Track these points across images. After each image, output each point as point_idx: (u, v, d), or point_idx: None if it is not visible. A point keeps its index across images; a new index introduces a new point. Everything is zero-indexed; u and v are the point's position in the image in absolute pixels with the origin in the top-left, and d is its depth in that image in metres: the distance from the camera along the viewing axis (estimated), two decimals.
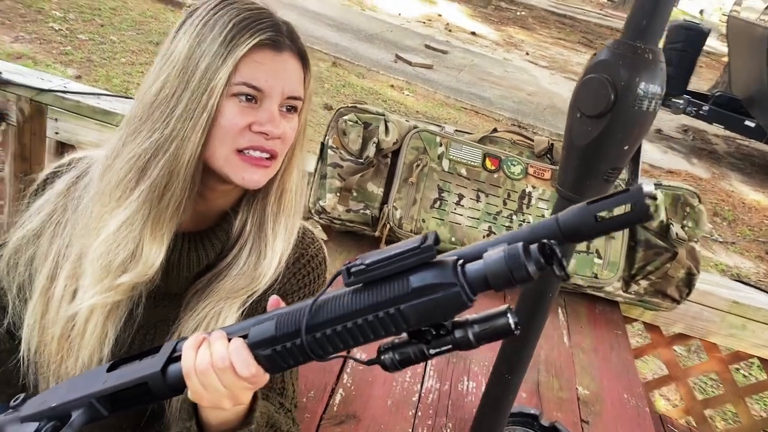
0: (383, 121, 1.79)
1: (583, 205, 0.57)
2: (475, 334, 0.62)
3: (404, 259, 0.60)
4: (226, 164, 0.87)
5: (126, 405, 0.76)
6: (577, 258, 1.75)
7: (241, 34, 0.83)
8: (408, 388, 1.33)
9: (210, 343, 0.71)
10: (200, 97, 0.83)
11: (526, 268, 0.56)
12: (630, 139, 0.78)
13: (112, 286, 0.87)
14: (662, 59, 0.76)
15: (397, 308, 0.60)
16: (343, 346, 0.65)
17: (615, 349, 1.65)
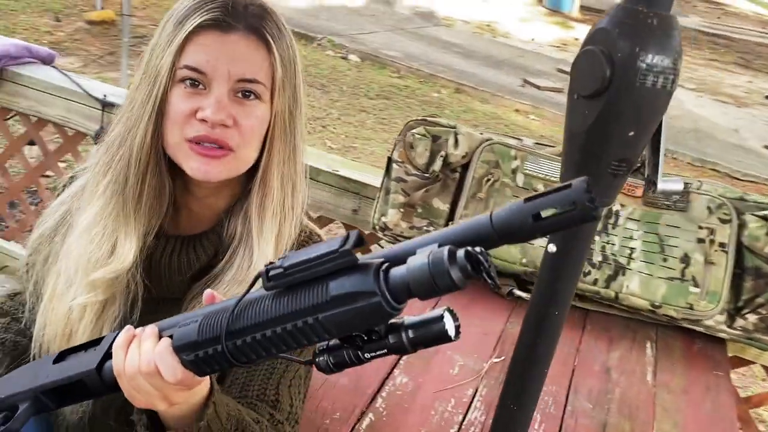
0: (453, 133, 1.70)
1: (520, 202, 0.48)
2: (409, 339, 0.55)
3: (323, 263, 0.54)
4: (177, 153, 0.85)
5: (71, 399, 0.74)
6: (668, 285, 1.54)
7: (187, 18, 0.82)
8: (448, 418, 1.21)
9: (140, 342, 0.66)
10: (150, 85, 0.82)
11: (450, 276, 0.48)
12: (636, 124, 0.64)
13: (90, 283, 0.86)
14: (674, 26, 0.62)
15: (315, 318, 0.54)
16: (265, 354, 0.59)
17: (711, 393, 1.42)
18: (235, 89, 0.85)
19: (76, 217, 0.94)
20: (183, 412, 0.75)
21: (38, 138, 2.44)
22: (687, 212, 1.58)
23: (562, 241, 0.72)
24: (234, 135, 0.85)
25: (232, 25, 0.84)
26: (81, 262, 0.89)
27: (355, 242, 0.54)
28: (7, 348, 1.05)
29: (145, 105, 0.84)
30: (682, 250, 1.55)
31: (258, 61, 0.85)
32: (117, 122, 0.89)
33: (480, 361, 1.38)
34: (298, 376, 0.95)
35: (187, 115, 0.84)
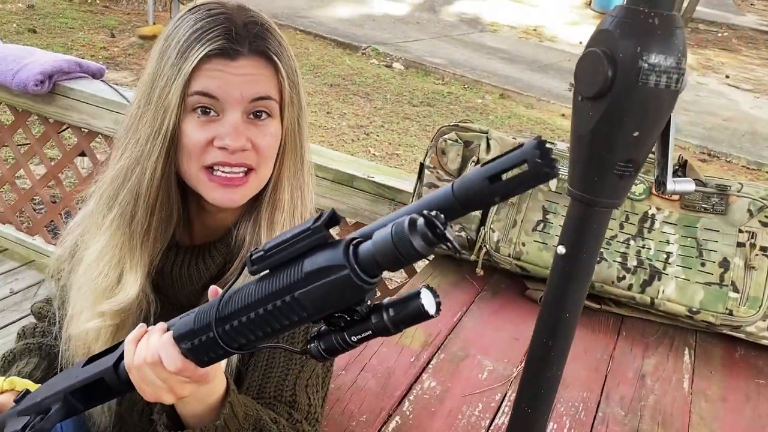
0: (485, 138, 1.70)
1: (478, 167, 0.49)
2: (390, 318, 0.56)
3: (298, 242, 0.55)
4: (198, 184, 0.86)
5: (97, 399, 0.77)
6: (706, 290, 1.50)
7: (191, 47, 0.81)
8: (475, 422, 1.21)
9: (148, 337, 0.70)
10: (157, 117, 0.82)
11: (412, 244, 0.49)
12: (640, 125, 0.64)
13: (98, 313, 0.89)
14: (677, 25, 0.62)
15: (292, 295, 0.56)
16: (254, 338, 0.61)
17: (752, 401, 1.37)
18: (248, 111, 0.85)
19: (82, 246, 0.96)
20: (200, 412, 0.78)
21: (88, 149, 2.55)
22: (726, 215, 1.54)
23: (571, 243, 0.72)
24: (252, 156, 0.86)
25: (238, 50, 0.84)
26: (91, 292, 0.92)
27: (327, 219, 0.55)
28: (44, 352, 1.10)
29: (154, 139, 0.83)
30: (721, 255, 1.51)
31: (267, 80, 0.86)
32: (120, 154, 0.88)
33: (510, 366, 1.38)
34: (315, 375, 0.96)
35: (204, 145, 0.84)
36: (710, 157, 6.31)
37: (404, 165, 4.90)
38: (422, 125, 5.70)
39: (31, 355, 1.09)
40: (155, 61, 0.86)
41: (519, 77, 7.63)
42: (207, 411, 0.78)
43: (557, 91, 7.40)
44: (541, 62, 8.63)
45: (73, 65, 2.47)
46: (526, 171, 0.48)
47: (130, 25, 7.39)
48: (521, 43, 9.86)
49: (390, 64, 7.41)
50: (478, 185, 0.50)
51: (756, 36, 13.89)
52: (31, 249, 2.80)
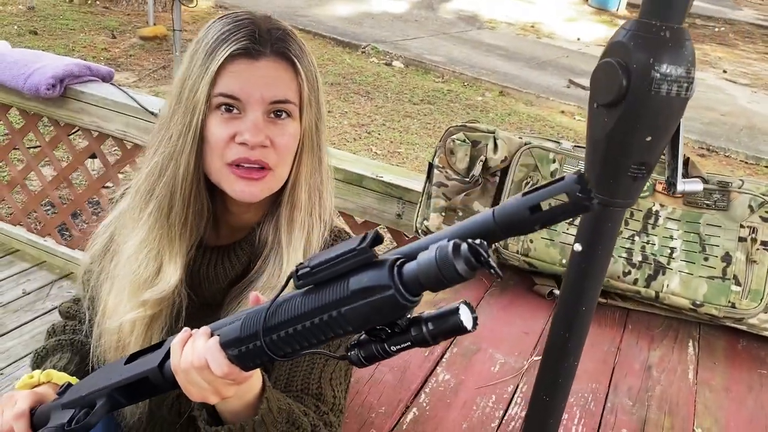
0: (492, 138, 1.74)
1: (519, 196, 0.53)
2: (429, 331, 0.59)
3: (344, 260, 0.59)
4: (220, 178, 0.90)
5: (141, 395, 0.82)
6: (709, 284, 1.54)
7: (218, 48, 0.86)
8: (489, 413, 1.26)
9: (193, 341, 0.74)
10: (187, 114, 0.87)
11: (455, 268, 0.53)
12: (653, 130, 0.68)
13: (139, 303, 0.94)
14: (686, 38, 0.66)
15: (338, 311, 0.60)
16: (299, 348, 0.65)
17: (754, 391, 1.42)
18: (268, 111, 0.90)
19: (119, 240, 1.00)
20: (239, 408, 0.82)
21: (99, 151, 2.59)
22: (728, 211, 1.59)
23: (587, 241, 0.76)
24: (271, 154, 0.90)
25: (260, 51, 0.89)
26: (129, 283, 0.96)
27: (372, 240, 0.59)
28: (76, 348, 1.14)
29: (186, 135, 0.88)
30: (724, 249, 1.56)
31: (287, 82, 0.91)
32: (154, 151, 0.93)
33: (521, 359, 1.42)
34: (338, 369, 1.00)
35: (227, 140, 0.88)
36: (709, 152, 6.36)
37: (406, 163, 4.95)
38: (423, 123, 5.74)
39: (64, 351, 1.13)
40: (186, 62, 0.91)
41: (518, 74, 7.67)
42: (245, 407, 0.82)
43: (556, 87, 7.45)
44: (539, 59, 8.67)
45: (84, 69, 2.52)
46: (567, 203, 0.51)
47: (130, 26, 7.43)
48: (519, 40, 9.89)
49: (390, 63, 7.44)
50: (519, 214, 0.52)
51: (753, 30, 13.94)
52: (43, 250, 2.85)
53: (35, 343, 2.44)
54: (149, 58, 6.67)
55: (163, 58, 6.63)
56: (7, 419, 0.93)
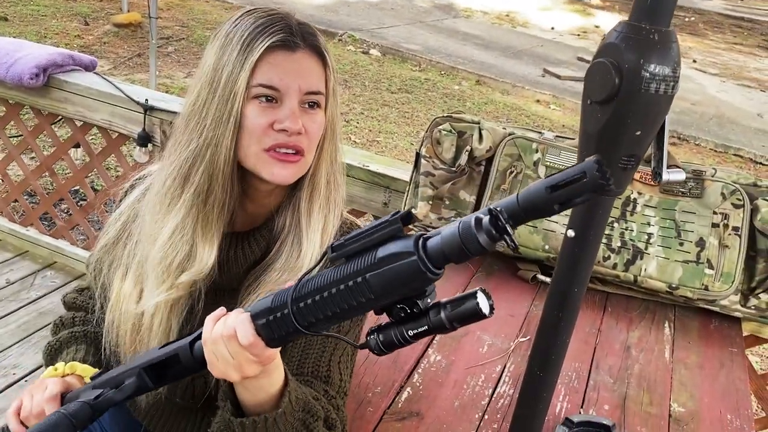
0: (477, 128, 1.80)
1: (540, 180, 0.58)
2: (447, 315, 0.64)
3: (376, 232, 0.64)
4: (257, 163, 0.94)
5: (168, 378, 0.85)
6: (684, 268, 1.62)
7: (255, 40, 0.90)
8: (479, 391, 1.32)
9: (227, 317, 0.78)
10: (226, 103, 0.90)
11: (477, 240, 0.57)
12: (642, 125, 0.74)
13: (174, 285, 0.97)
14: (673, 39, 0.72)
15: (363, 277, 0.64)
16: (323, 317, 0.69)
17: (726, 368, 1.51)
18: (302, 101, 0.95)
19: (141, 228, 1.03)
20: (262, 400, 0.86)
21: (84, 141, 2.59)
22: (702, 198, 1.67)
23: (580, 227, 0.82)
24: (304, 140, 0.95)
25: (297, 43, 0.94)
26: (163, 267, 0.98)
27: (404, 216, 0.64)
28: (89, 339, 1.17)
29: (225, 122, 0.91)
30: (698, 235, 1.64)
31: (318, 73, 0.96)
32: (188, 139, 0.95)
33: (507, 341, 1.49)
34: (346, 353, 1.05)
35: (265, 128, 0.93)
36: (680, 140, 6.52)
37: (385, 152, 4.99)
38: (401, 112, 5.79)
39: (79, 343, 1.15)
40: (215, 55, 0.93)
41: (494, 63, 7.75)
42: (268, 399, 0.86)
43: (531, 77, 7.54)
44: (514, 48, 8.76)
45: (67, 58, 2.51)
46: (585, 182, 0.55)
47: (103, 13, 7.33)
48: (494, 29, 9.97)
49: (367, 51, 7.46)
50: (540, 195, 0.57)
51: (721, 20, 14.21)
52: (26, 240, 2.84)
53: (21, 333, 2.45)
54: (124, 45, 6.59)
55: (138, 46, 6.56)
56: (39, 401, 0.97)
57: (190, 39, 6.97)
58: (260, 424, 0.85)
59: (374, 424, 1.19)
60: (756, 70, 10.40)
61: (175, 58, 6.46)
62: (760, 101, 8.50)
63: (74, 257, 2.77)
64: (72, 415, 0.85)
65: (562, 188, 0.56)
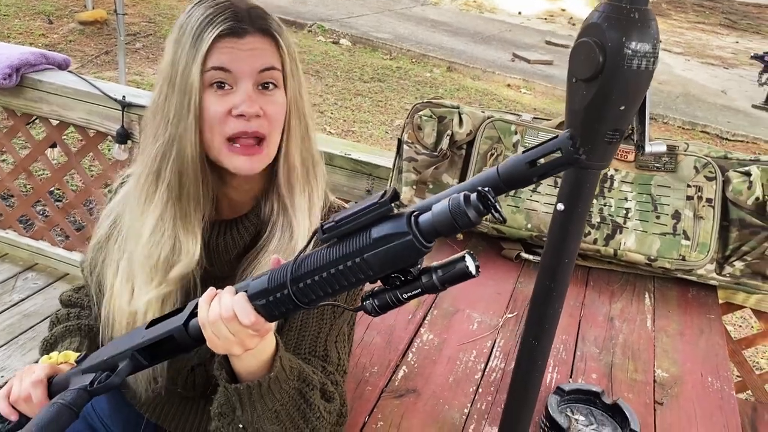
0: (457, 113, 1.83)
1: (519, 154, 0.61)
2: (438, 278, 0.68)
3: (366, 214, 0.67)
4: (219, 155, 0.95)
5: (162, 356, 0.88)
6: (662, 240, 1.69)
7: (204, 31, 0.92)
8: (472, 366, 1.36)
9: (220, 297, 0.80)
10: (184, 96, 0.92)
11: (467, 215, 0.61)
12: (626, 100, 0.78)
13: (164, 281, 0.99)
14: (652, 18, 0.76)
15: (361, 257, 0.67)
16: (323, 294, 0.72)
17: (705, 334, 1.57)
18: (257, 82, 0.95)
19: (121, 225, 1.05)
20: (255, 367, 0.88)
21: (60, 140, 2.57)
22: (676, 172, 1.73)
23: (569, 201, 0.86)
24: (264, 124, 0.96)
25: (245, 29, 0.94)
26: (145, 265, 1.00)
27: (392, 196, 0.67)
28: (84, 332, 1.18)
29: (186, 116, 0.93)
30: (673, 207, 1.70)
31: (271, 53, 0.97)
32: (153, 136, 0.96)
33: (495, 317, 1.53)
34: (342, 333, 1.08)
35: (224, 115, 0.94)
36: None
37: (360, 141, 5.01)
38: (375, 101, 5.80)
39: (73, 336, 1.16)
40: (171, 49, 0.95)
41: (463, 49, 7.80)
42: (260, 366, 0.89)
43: (501, 62, 7.61)
44: (483, 34, 8.81)
45: (39, 57, 2.48)
46: (560, 157, 0.60)
47: (67, 11, 7.20)
48: (462, 15, 10.02)
49: (337, 41, 7.45)
50: (520, 168, 0.62)
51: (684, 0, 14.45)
52: (4, 243, 2.81)
53: (6, 336, 2.43)
54: (90, 43, 6.49)
55: (105, 43, 6.47)
56: (26, 386, 0.98)
57: (158, 34, 6.89)
58: (255, 389, 0.88)
59: (373, 402, 1.22)
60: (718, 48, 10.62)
61: (144, 55, 6.39)
62: (723, 78, 8.69)
63: (56, 258, 2.75)
64: (71, 403, 0.86)
65: (539, 163, 0.61)
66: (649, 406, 1.31)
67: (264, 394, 0.89)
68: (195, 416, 1.17)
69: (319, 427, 0.97)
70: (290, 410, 0.93)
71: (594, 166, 0.84)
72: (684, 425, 1.27)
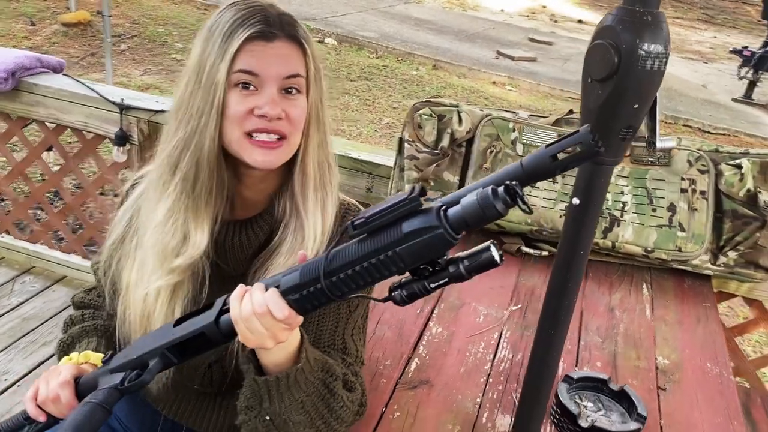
0: (456, 112, 1.87)
1: (542, 148, 0.65)
2: (465, 267, 0.71)
3: (396, 210, 0.70)
4: (239, 148, 0.98)
5: (191, 353, 0.90)
6: (658, 232, 1.74)
7: (235, 31, 0.95)
8: (481, 357, 1.40)
9: (251, 294, 0.84)
10: (209, 93, 0.95)
11: (495, 207, 0.65)
12: (639, 98, 0.83)
13: (169, 269, 1.02)
14: (663, 20, 0.81)
15: (393, 251, 0.71)
16: (355, 287, 0.76)
17: (702, 322, 1.63)
18: (282, 87, 0.98)
19: (141, 218, 1.07)
20: (282, 360, 0.92)
21: (57, 143, 2.57)
22: (670, 166, 1.78)
23: (584, 195, 0.91)
24: (285, 125, 0.99)
25: (274, 33, 0.97)
26: (156, 253, 1.03)
27: (420, 192, 0.71)
28: (100, 332, 1.20)
29: (208, 112, 0.96)
30: (668, 200, 1.76)
31: (297, 60, 1.00)
32: (176, 128, 1.00)
33: (500, 310, 1.58)
34: (357, 326, 1.12)
35: (246, 113, 0.97)
36: None
37: (349, 140, 5.04)
38: (362, 100, 5.83)
39: (90, 336, 1.18)
40: (200, 47, 0.98)
41: (448, 47, 7.85)
42: (287, 358, 0.92)
43: (485, 59, 7.67)
44: (467, 32, 8.87)
45: (34, 61, 2.48)
46: (581, 151, 0.64)
47: (49, 12, 7.14)
48: (446, 13, 10.07)
49: (322, 40, 7.46)
50: (543, 162, 0.65)
51: None
52: (1, 246, 2.81)
53: (7, 339, 2.43)
54: (74, 45, 6.45)
55: (90, 45, 6.44)
56: (53, 387, 1.00)
57: (143, 36, 6.86)
58: (283, 381, 0.91)
59: (389, 394, 1.26)
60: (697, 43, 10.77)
61: (130, 56, 6.36)
62: (703, 73, 8.83)
63: (53, 261, 2.75)
64: (103, 402, 0.89)
65: (562, 156, 0.65)
66: (653, 391, 1.36)
67: (291, 385, 0.92)
68: (212, 412, 1.20)
69: (343, 415, 1.01)
70: (315, 400, 0.97)
71: (608, 161, 0.88)
72: (686, 409, 1.32)
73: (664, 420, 1.28)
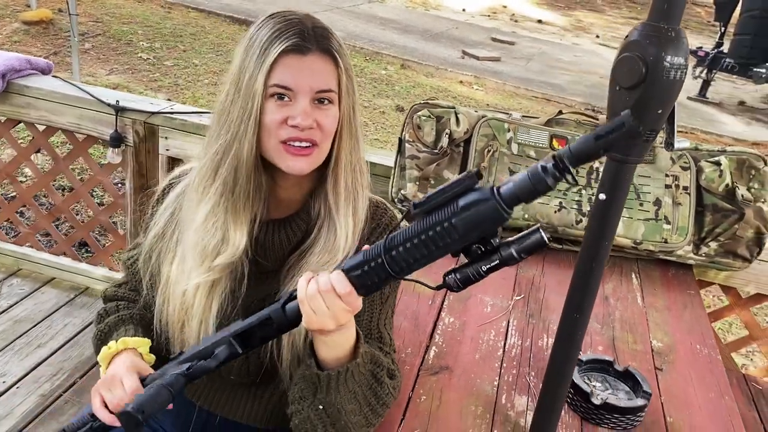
0: (454, 113, 1.96)
1: (588, 134, 0.74)
2: (516, 249, 0.79)
3: (453, 188, 0.78)
4: (274, 155, 1.05)
5: (256, 342, 0.97)
6: (646, 225, 1.86)
7: (272, 44, 1.01)
8: (493, 344, 1.50)
9: (317, 277, 0.90)
10: (247, 101, 1.01)
11: (545, 181, 0.73)
12: (662, 105, 0.92)
13: (210, 267, 1.08)
14: (683, 36, 0.91)
15: (450, 222, 0.78)
16: (413, 261, 0.82)
17: (688, 308, 1.76)
18: (314, 98, 1.05)
19: (183, 216, 1.14)
20: (341, 355, 0.99)
21: (47, 145, 2.57)
22: (655, 163, 1.91)
23: (609, 191, 1.00)
24: (317, 133, 1.06)
25: (308, 47, 1.03)
26: (196, 252, 1.09)
27: (477, 173, 0.78)
28: (136, 320, 1.25)
29: (247, 120, 1.02)
30: (654, 195, 1.88)
31: (329, 73, 1.06)
32: (217, 134, 1.06)
33: (505, 300, 1.67)
34: (388, 316, 1.20)
35: (280, 123, 1.03)
36: (595, 112, 6.95)
37: None
38: None
39: (126, 324, 1.23)
40: (240, 57, 1.04)
41: (415, 47, 7.95)
42: (345, 354, 1.00)
43: (452, 59, 7.80)
44: (432, 31, 8.99)
45: (24, 62, 2.48)
46: (624, 131, 0.72)
47: (9, 10, 6.97)
48: (409, 13, 10.18)
49: None
50: (589, 144, 0.73)
51: None
52: None
53: (1, 342, 2.43)
54: (36, 44, 6.33)
55: (53, 44, 6.33)
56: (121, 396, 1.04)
57: (107, 34, 6.77)
58: (342, 375, 0.99)
59: (413, 380, 1.34)
60: None
61: (95, 55, 6.27)
62: None
63: (42, 263, 2.74)
64: (169, 384, 0.95)
65: (606, 136, 0.73)
66: (651, 372, 1.47)
67: (348, 378, 1.00)
68: (247, 401, 1.26)
69: (388, 402, 1.09)
70: (365, 390, 1.04)
71: (632, 160, 0.98)
72: (682, 386, 1.44)
73: (664, 396, 1.40)
